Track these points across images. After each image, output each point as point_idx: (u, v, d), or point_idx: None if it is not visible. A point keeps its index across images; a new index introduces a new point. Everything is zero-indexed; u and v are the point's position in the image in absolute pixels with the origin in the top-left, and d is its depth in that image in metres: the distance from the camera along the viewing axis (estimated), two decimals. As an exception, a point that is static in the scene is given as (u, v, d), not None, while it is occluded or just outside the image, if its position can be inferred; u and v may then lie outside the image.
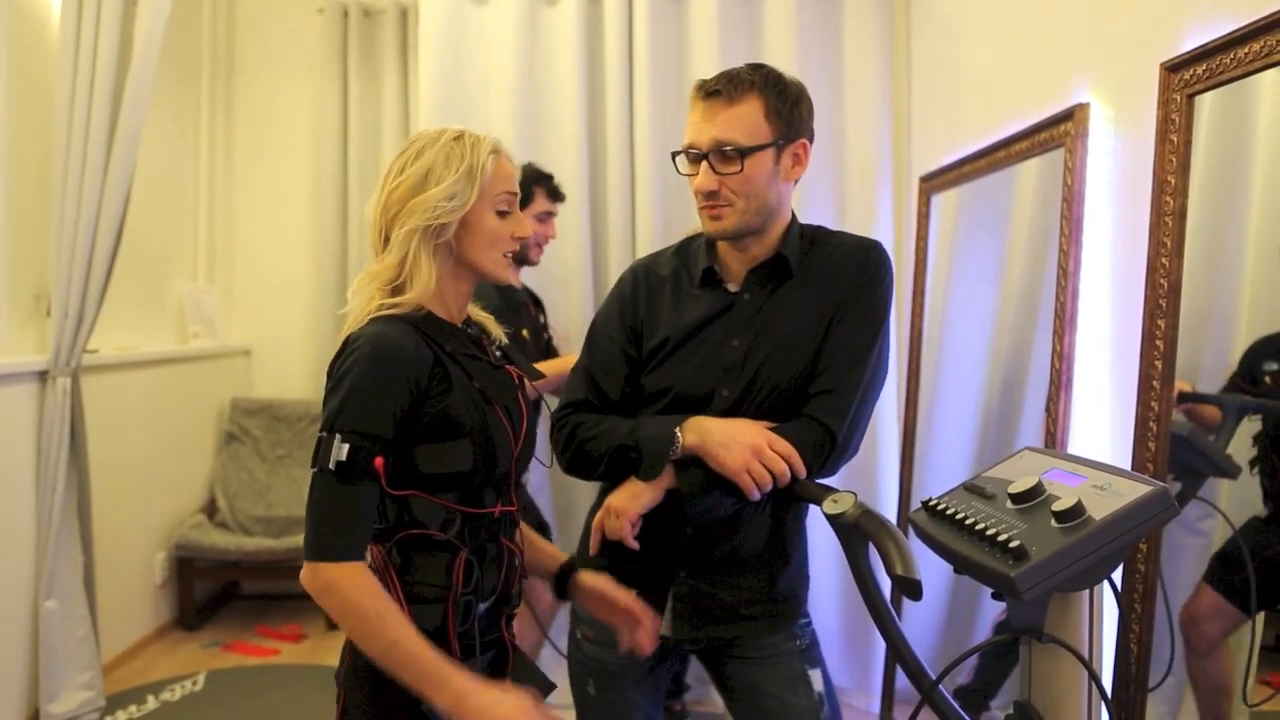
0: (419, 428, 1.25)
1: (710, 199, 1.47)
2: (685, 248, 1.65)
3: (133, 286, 3.68)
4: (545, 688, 1.44)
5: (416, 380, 1.25)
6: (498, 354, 1.44)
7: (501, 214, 1.35)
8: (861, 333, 1.49)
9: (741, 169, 1.44)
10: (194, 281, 4.27)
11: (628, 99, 3.08)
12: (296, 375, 4.52)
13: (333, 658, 3.74)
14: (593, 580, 1.49)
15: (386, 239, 1.31)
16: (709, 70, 2.93)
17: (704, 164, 1.45)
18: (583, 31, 3.08)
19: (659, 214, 3.04)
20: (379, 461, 1.20)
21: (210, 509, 4.10)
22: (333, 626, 3.89)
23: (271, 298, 4.50)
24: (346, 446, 1.19)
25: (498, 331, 1.46)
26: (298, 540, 3.82)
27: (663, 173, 3.01)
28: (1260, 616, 1.49)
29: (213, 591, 4.21)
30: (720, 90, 1.44)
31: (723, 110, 1.44)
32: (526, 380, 1.46)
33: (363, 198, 4.37)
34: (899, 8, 3.15)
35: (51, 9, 3.12)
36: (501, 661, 1.40)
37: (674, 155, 1.52)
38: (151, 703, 3.14)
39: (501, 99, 3.07)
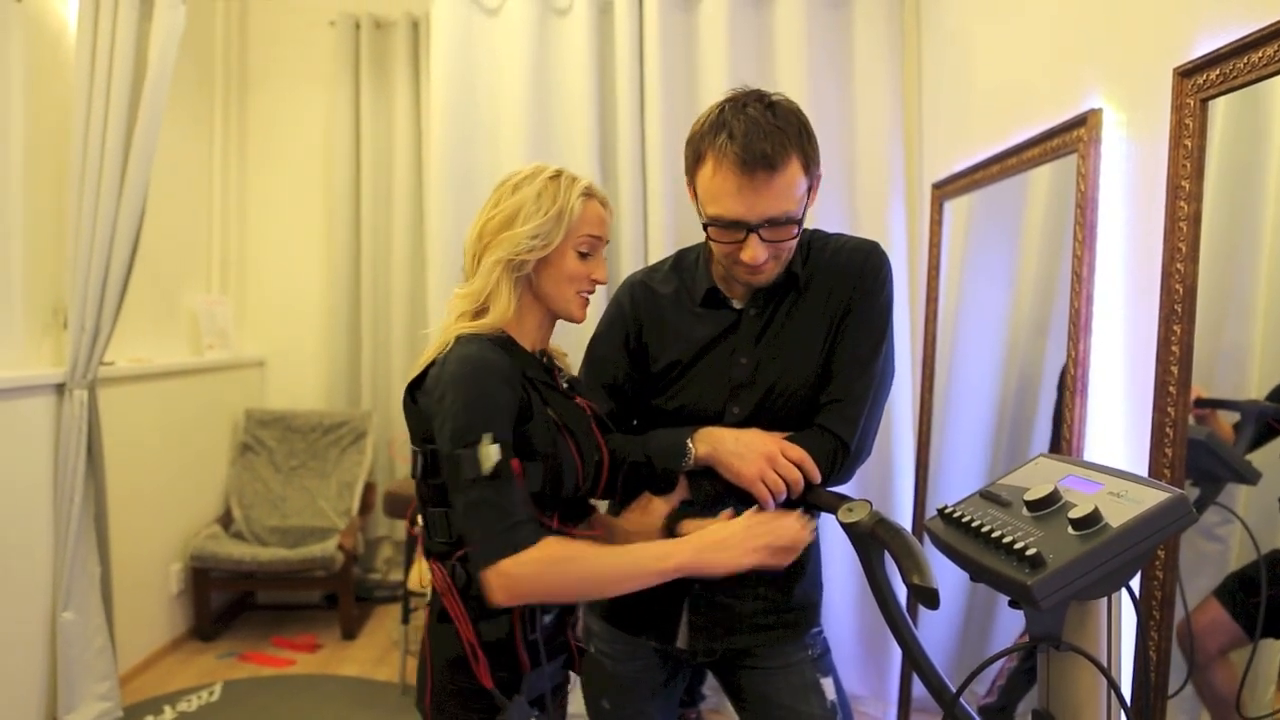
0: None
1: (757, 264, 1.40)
2: (680, 263, 1.63)
3: (148, 299, 3.71)
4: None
5: (517, 394, 1.29)
6: (564, 385, 1.48)
7: (583, 255, 1.39)
8: (866, 338, 1.49)
9: (793, 232, 1.40)
10: (208, 293, 4.30)
11: (638, 108, 3.09)
12: (310, 386, 4.55)
13: (348, 668, 3.77)
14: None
15: (477, 264, 1.38)
16: (719, 80, 2.98)
17: (753, 237, 1.36)
18: (593, 41, 3.09)
19: (671, 224, 3.05)
20: (515, 463, 1.25)
21: (225, 519, 4.12)
22: (348, 637, 3.90)
23: (285, 309, 4.53)
24: (496, 447, 1.23)
25: (569, 366, 1.52)
26: (312, 550, 3.84)
27: (675, 183, 3.02)
28: (1275, 644, 1.47)
29: (228, 602, 4.23)
30: (764, 163, 1.32)
31: (770, 180, 1.32)
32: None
33: (375, 208, 4.40)
34: (909, 15, 3.15)
35: (67, 24, 3.15)
36: (570, 663, 1.46)
37: (706, 226, 1.40)
38: (169, 713, 3.15)
39: (513, 109, 3.08)
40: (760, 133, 1.32)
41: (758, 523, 1.30)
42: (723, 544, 1.28)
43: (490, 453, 1.22)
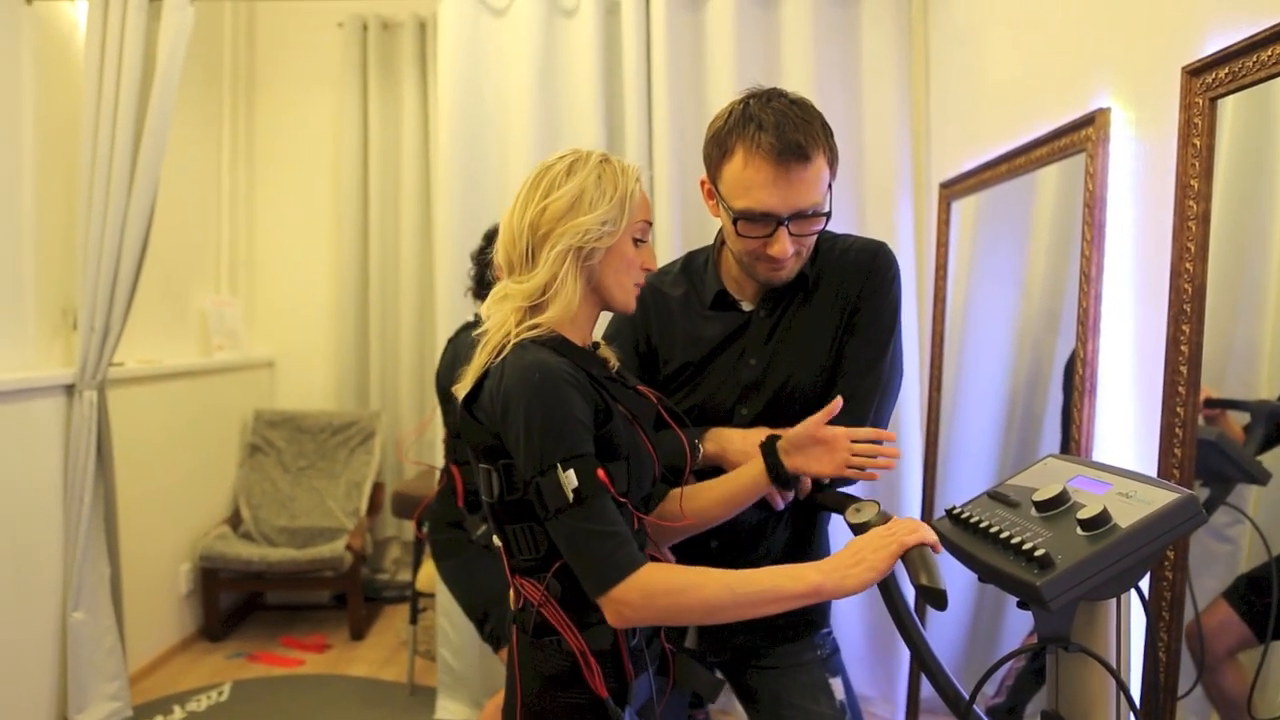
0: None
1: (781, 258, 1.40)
2: (689, 265, 1.63)
3: (157, 300, 3.72)
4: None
5: (591, 401, 1.22)
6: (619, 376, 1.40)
7: (637, 242, 1.32)
8: (873, 339, 1.49)
9: (820, 225, 1.41)
10: (217, 294, 4.31)
11: (646, 109, 3.09)
12: (319, 386, 4.56)
13: (356, 668, 3.78)
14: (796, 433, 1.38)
15: (532, 257, 1.27)
16: (726, 80, 2.97)
17: (782, 230, 1.36)
18: (600, 41, 3.09)
19: (678, 224, 3.04)
20: (601, 473, 1.17)
21: (234, 520, 4.13)
22: (357, 637, 3.91)
23: (294, 309, 4.54)
24: (572, 471, 1.15)
25: (613, 358, 1.41)
26: (320, 551, 3.85)
27: (682, 183, 3.01)
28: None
29: (237, 602, 4.24)
30: (798, 153, 1.33)
31: (803, 171, 1.34)
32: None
33: (383, 208, 4.41)
34: (917, 14, 3.14)
35: (76, 27, 3.17)
36: (665, 667, 1.40)
37: (735, 220, 1.39)
38: (178, 713, 3.16)
39: (520, 109, 3.08)
40: (791, 124, 1.33)
41: (882, 532, 1.19)
42: (856, 559, 1.17)
43: (568, 479, 1.15)
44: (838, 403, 1.38)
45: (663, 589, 1.15)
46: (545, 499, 1.16)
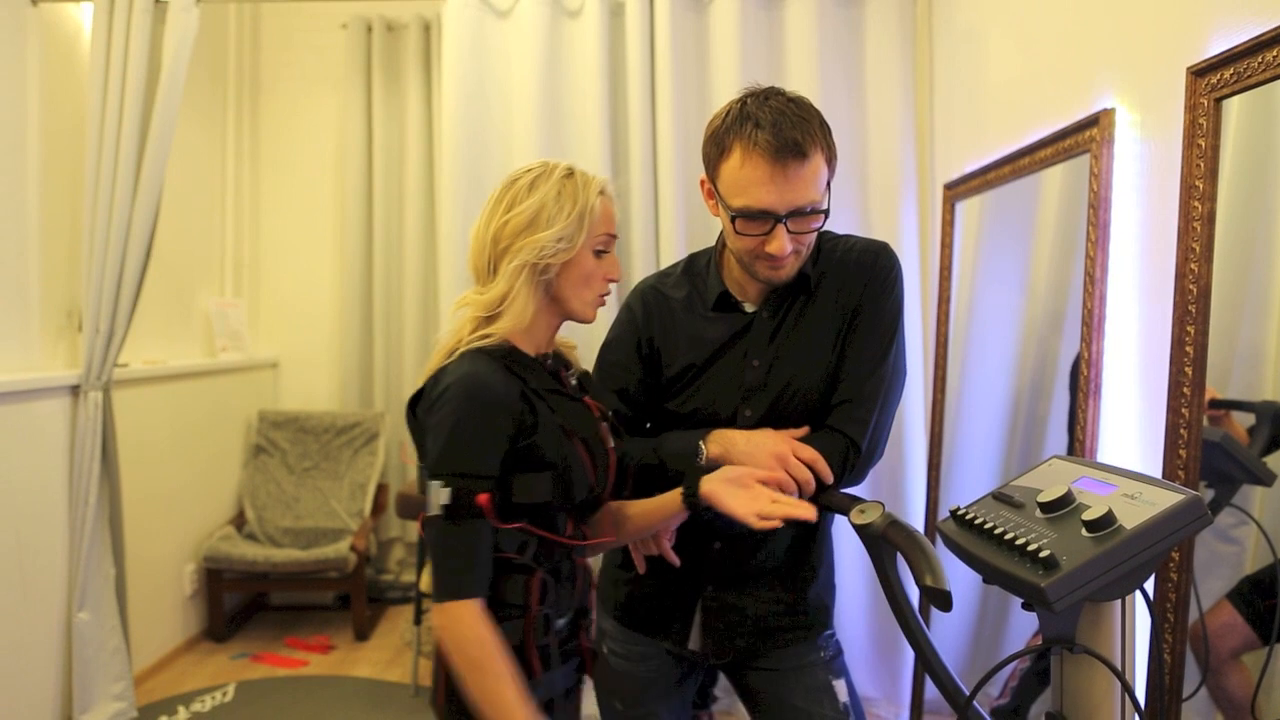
0: (510, 460, 1.27)
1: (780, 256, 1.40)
2: (691, 267, 1.63)
3: (161, 301, 3.73)
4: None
5: (513, 416, 1.26)
6: (574, 383, 1.44)
7: (599, 254, 1.36)
8: (876, 340, 1.49)
9: (819, 223, 1.41)
10: (221, 295, 4.32)
11: (650, 110, 3.09)
12: (323, 387, 4.57)
13: (361, 669, 3.77)
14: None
15: (493, 269, 1.33)
16: (730, 81, 2.98)
17: (780, 228, 1.36)
18: (604, 43, 3.09)
19: (682, 225, 3.04)
20: (483, 499, 1.22)
21: (239, 521, 4.14)
22: (361, 638, 3.91)
23: (298, 311, 4.55)
24: (448, 490, 1.22)
25: (578, 363, 1.46)
26: (325, 552, 3.86)
27: (686, 184, 3.02)
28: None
29: (242, 603, 4.25)
30: (795, 150, 1.33)
31: (800, 169, 1.34)
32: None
33: (387, 210, 4.42)
34: (921, 15, 3.14)
35: (81, 29, 3.18)
36: (583, 666, 1.45)
37: (733, 218, 1.39)
38: (182, 713, 3.17)
39: (524, 110, 3.09)
40: (788, 122, 1.33)
41: None
42: None
43: (439, 495, 1.22)
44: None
45: (458, 624, 1.21)
46: (428, 500, 1.24)
